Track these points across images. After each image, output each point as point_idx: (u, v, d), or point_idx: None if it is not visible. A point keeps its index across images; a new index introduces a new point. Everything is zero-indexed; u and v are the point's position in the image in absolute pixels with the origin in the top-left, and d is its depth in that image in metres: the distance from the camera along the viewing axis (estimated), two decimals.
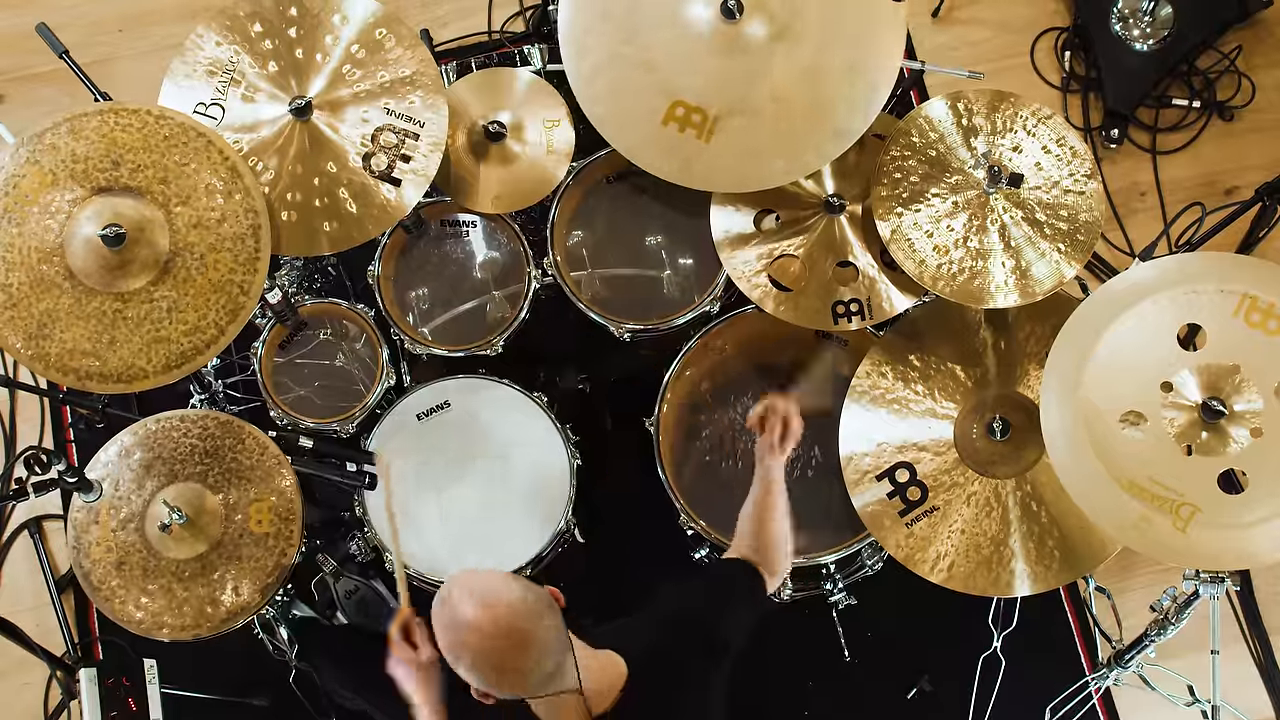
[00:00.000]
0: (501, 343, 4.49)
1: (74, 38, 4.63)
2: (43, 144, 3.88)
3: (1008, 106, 4.24)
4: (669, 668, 3.34)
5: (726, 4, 4.06)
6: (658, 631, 3.41)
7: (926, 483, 4.15)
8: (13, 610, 4.94)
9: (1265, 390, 3.68)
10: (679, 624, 3.42)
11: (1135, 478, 3.65)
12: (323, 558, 4.50)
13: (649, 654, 3.32)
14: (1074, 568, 4.06)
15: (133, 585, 4.00)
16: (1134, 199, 5.65)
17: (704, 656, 3.38)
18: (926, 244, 4.12)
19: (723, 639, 3.41)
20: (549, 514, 4.39)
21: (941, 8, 5.86)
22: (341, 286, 5.12)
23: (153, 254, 3.84)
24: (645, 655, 3.31)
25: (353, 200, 4.14)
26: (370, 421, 4.50)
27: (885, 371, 4.29)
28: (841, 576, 4.58)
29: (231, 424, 4.14)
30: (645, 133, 4.15)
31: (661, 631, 3.40)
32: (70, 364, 3.83)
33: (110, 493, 4.05)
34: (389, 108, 4.19)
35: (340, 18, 4.24)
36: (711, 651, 3.39)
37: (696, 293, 4.58)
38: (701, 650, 3.38)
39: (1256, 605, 5.11)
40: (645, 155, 4.18)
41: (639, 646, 3.31)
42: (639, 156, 4.19)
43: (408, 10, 5.90)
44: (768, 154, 4.12)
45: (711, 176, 4.18)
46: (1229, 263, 3.83)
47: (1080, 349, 3.79)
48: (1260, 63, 5.82)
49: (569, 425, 4.53)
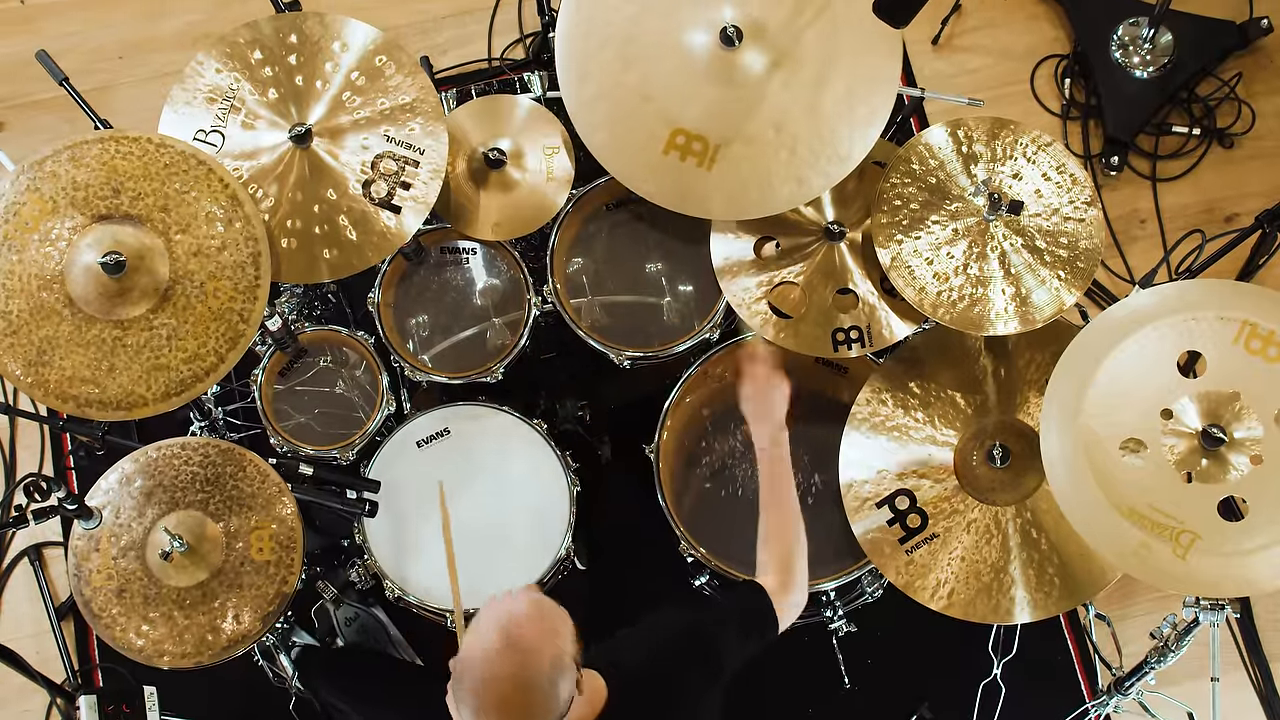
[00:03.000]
0: (501, 370, 4.49)
1: (74, 65, 4.65)
2: (43, 171, 3.88)
3: (1008, 134, 4.24)
4: (660, 688, 3.34)
5: (725, 31, 4.07)
6: (652, 651, 3.41)
7: (926, 510, 4.15)
8: (13, 637, 4.94)
9: (1265, 417, 3.68)
10: (675, 645, 3.42)
11: (1135, 505, 3.65)
12: (323, 585, 4.49)
13: (641, 673, 3.33)
14: (1074, 595, 4.05)
15: (133, 613, 3.99)
16: (1134, 226, 5.65)
17: (699, 679, 3.39)
18: (926, 271, 4.12)
19: (719, 662, 3.42)
20: (549, 541, 4.38)
21: (941, 35, 5.87)
22: (341, 314, 5.13)
23: (153, 281, 3.84)
24: (637, 674, 3.32)
25: (353, 227, 4.14)
26: (370, 449, 4.50)
27: (885, 399, 4.29)
28: (841, 603, 4.57)
29: (232, 451, 4.13)
30: (646, 161, 4.15)
31: (655, 651, 3.41)
32: (70, 391, 3.83)
33: (111, 520, 4.05)
34: (389, 135, 4.19)
35: (340, 44, 4.24)
36: (707, 674, 3.39)
37: (696, 320, 4.58)
38: (697, 673, 3.38)
39: (1256, 632, 5.11)
40: (646, 184, 4.18)
41: (631, 665, 3.32)
42: (639, 185, 4.19)
43: (408, 37, 5.91)
44: (770, 181, 4.11)
45: (712, 204, 4.18)
46: (1229, 290, 3.83)
47: (1080, 376, 3.79)
48: (1260, 90, 5.83)
49: (569, 452, 4.53)
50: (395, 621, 4.82)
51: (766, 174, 4.12)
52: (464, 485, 4.45)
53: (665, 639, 3.47)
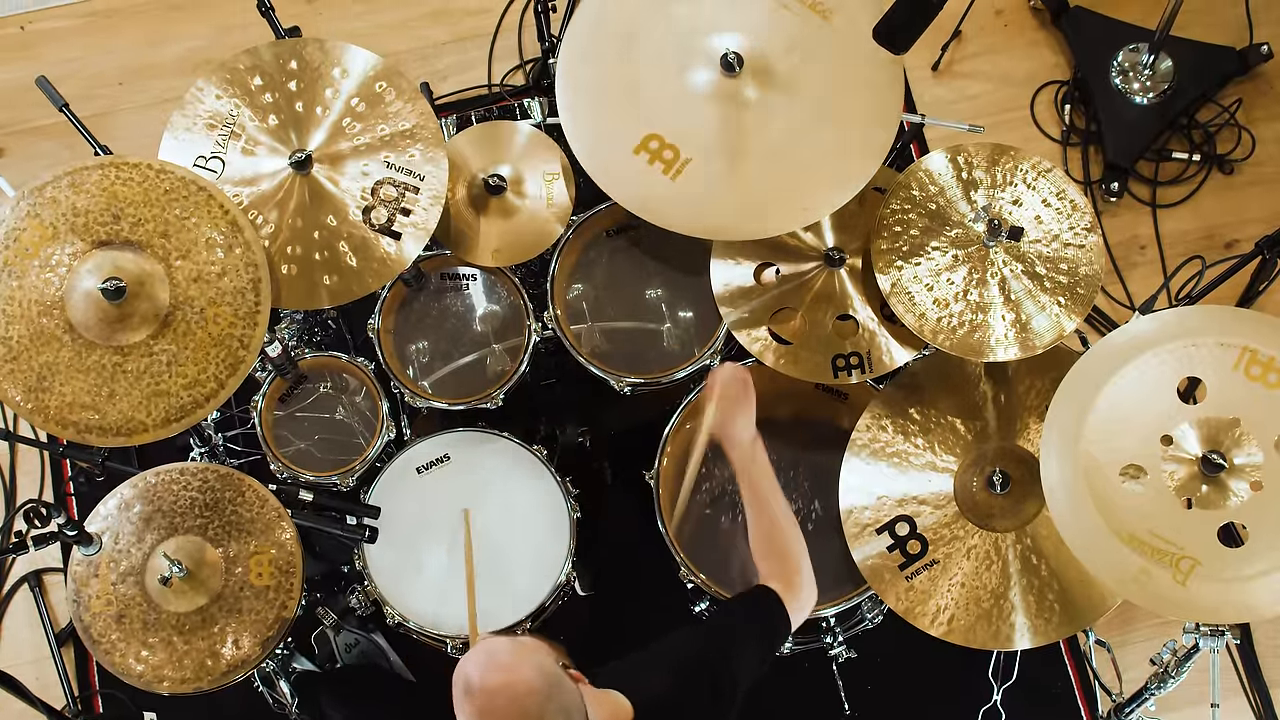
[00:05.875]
0: (502, 396, 4.48)
1: (74, 91, 4.65)
2: (43, 197, 3.88)
3: (1008, 160, 4.25)
4: (685, 710, 3.33)
5: (725, 58, 4.07)
6: (663, 674, 3.40)
7: (926, 536, 4.15)
8: (12, 663, 4.93)
9: (1265, 443, 3.68)
10: (697, 668, 3.41)
11: (1135, 531, 3.65)
12: (323, 611, 4.49)
13: (665, 697, 3.32)
14: (1074, 621, 4.05)
15: (133, 638, 3.99)
16: (1134, 252, 5.65)
17: (722, 703, 3.37)
18: (926, 297, 4.13)
19: (731, 677, 3.40)
20: (549, 566, 4.37)
21: (941, 61, 5.88)
22: (341, 340, 5.13)
23: (153, 308, 3.84)
24: (661, 697, 3.31)
25: (353, 253, 4.14)
26: (370, 475, 4.49)
27: (885, 425, 4.29)
28: (841, 630, 4.56)
29: (231, 477, 4.13)
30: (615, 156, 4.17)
31: (667, 675, 3.39)
32: (70, 417, 3.82)
33: (110, 546, 4.04)
34: (389, 161, 4.20)
35: (341, 71, 4.25)
36: (718, 697, 3.38)
37: (696, 346, 4.58)
38: (719, 696, 3.37)
39: (1256, 658, 5.10)
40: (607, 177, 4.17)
41: (643, 690, 3.30)
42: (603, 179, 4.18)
43: (408, 63, 5.92)
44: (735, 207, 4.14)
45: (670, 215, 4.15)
46: (1229, 316, 3.84)
47: (1080, 402, 3.80)
48: (1260, 116, 5.83)
49: (569, 478, 4.52)
50: (395, 647, 4.83)
51: (732, 198, 4.14)
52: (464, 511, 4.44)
53: (685, 661, 3.45)
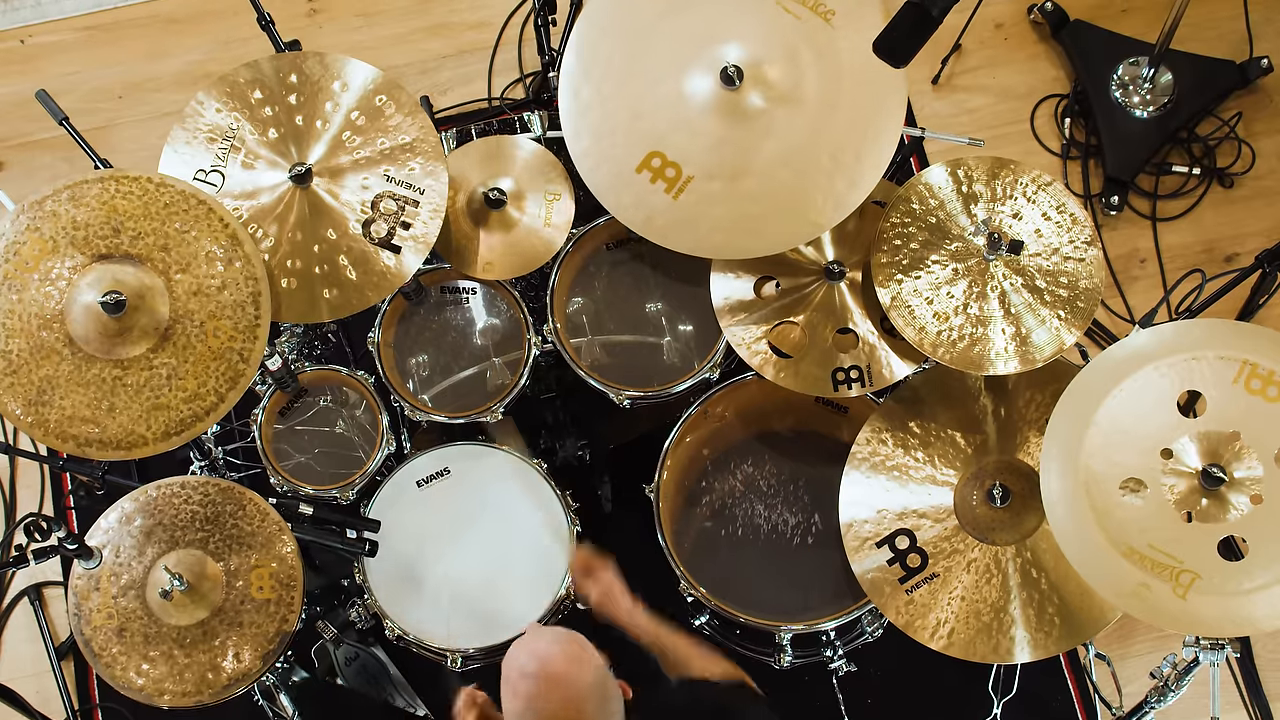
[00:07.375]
0: (501, 409, 4.48)
1: (74, 104, 4.66)
2: (43, 211, 3.88)
3: (1008, 173, 4.25)
4: None
5: (725, 71, 4.08)
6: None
7: (926, 549, 4.15)
8: (13, 677, 4.92)
9: (1265, 457, 3.68)
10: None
11: (1135, 544, 3.65)
12: (323, 624, 4.48)
13: None
14: (1074, 634, 4.04)
15: (134, 652, 3.99)
16: (1134, 266, 5.65)
17: None
18: (926, 311, 4.13)
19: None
20: (549, 581, 4.37)
21: (942, 74, 5.88)
22: (341, 353, 5.13)
23: (153, 321, 3.85)
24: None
25: (353, 267, 4.14)
26: (370, 488, 4.49)
27: (885, 438, 4.29)
28: (842, 643, 4.56)
29: (232, 490, 4.13)
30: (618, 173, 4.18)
31: None
32: (70, 431, 3.82)
33: (111, 559, 4.04)
34: (389, 174, 4.20)
35: (341, 84, 4.25)
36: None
37: (696, 359, 4.58)
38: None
39: (1256, 672, 5.09)
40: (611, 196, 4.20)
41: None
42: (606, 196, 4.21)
43: (408, 77, 5.92)
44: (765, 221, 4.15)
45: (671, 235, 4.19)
46: (1229, 330, 3.83)
47: (1080, 416, 3.80)
48: (1260, 129, 5.83)
49: (568, 492, 4.52)
50: (395, 661, 4.82)
51: (733, 216, 4.16)
52: (464, 525, 4.44)
53: None
